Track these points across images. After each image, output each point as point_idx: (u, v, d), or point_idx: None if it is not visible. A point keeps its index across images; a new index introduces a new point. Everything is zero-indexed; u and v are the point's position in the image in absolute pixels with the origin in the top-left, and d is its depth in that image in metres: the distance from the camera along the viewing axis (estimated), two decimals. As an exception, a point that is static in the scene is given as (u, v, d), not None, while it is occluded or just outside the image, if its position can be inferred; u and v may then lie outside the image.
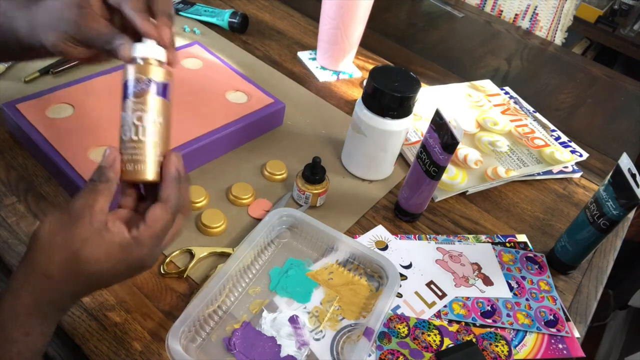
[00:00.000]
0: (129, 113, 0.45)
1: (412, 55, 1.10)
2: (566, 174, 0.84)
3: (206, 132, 0.70)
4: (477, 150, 0.83)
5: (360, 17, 0.88)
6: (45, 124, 0.65)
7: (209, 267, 0.60)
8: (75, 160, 0.62)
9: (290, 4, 1.15)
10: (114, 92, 0.71)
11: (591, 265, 0.72)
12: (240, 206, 0.67)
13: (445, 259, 0.66)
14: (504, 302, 0.63)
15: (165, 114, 0.47)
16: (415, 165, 0.66)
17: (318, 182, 0.67)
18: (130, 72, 0.46)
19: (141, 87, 0.45)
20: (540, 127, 0.92)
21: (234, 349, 0.52)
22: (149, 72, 0.46)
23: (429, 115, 0.77)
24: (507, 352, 0.58)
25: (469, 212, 0.75)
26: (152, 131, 0.46)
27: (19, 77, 0.77)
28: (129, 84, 0.45)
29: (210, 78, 0.79)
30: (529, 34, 1.32)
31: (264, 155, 0.75)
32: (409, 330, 0.58)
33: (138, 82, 0.45)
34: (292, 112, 0.83)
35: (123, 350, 0.52)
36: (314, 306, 0.57)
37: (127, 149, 0.45)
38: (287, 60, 0.97)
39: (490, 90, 1.00)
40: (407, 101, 0.67)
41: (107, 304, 0.55)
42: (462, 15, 1.31)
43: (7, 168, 0.66)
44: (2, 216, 0.60)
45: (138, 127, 0.45)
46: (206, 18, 1.01)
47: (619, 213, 0.60)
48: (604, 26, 1.98)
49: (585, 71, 1.19)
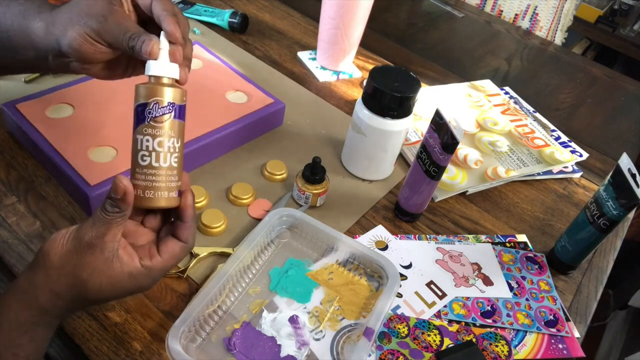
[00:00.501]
0: (147, 138, 0.44)
1: (412, 55, 1.10)
2: (566, 174, 0.84)
3: (206, 132, 0.70)
4: (477, 150, 0.83)
5: (360, 17, 0.88)
6: (45, 124, 0.65)
7: (209, 267, 0.60)
8: (75, 160, 0.62)
9: (290, 4, 1.15)
10: (114, 92, 0.72)
11: (591, 265, 0.72)
12: (240, 206, 0.67)
13: (445, 259, 0.66)
14: (504, 302, 0.63)
15: (182, 136, 0.46)
16: (415, 165, 0.66)
17: (318, 182, 0.67)
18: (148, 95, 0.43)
19: (162, 111, 0.44)
20: (540, 127, 0.92)
21: (234, 349, 0.52)
22: (169, 95, 0.44)
23: (429, 115, 0.77)
24: (507, 352, 0.58)
25: (469, 212, 0.75)
26: (171, 156, 0.45)
27: (19, 77, 0.77)
28: (148, 107, 0.43)
29: (210, 78, 0.79)
30: (529, 34, 1.32)
31: (264, 155, 0.75)
32: (409, 330, 0.58)
33: (158, 106, 0.44)
34: (292, 112, 0.83)
35: (123, 350, 0.52)
36: (314, 306, 0.57)
37: (145, 175, 0.44)
38: (287, 60, 0.97)
39: (490, 90, 1.00)
40: (407, 101, 0.67)
41: (107, 304, 0.55)
42: (462, 15, 1.31)
43: (7, 168, 0.66)
44: (2, 216, 0.60)
45: (159, 154, 0.44)
46: (206, 18, 1.01)
47: (619, 213, 0.60)
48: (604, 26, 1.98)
49: (585, 71, 1.19)
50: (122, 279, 0.44)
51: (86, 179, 0.60)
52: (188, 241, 0.47)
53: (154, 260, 0.45)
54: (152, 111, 0.43)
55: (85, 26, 0.47)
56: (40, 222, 0.61)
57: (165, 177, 0.45)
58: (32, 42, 0.50)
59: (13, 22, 0.51)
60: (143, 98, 0.44)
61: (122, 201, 0.42)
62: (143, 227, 0.48)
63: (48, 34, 0.49)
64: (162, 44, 0.45)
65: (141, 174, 0.44)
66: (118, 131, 0.66)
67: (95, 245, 0.42)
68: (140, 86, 0.44)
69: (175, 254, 0.46)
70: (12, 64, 0.54)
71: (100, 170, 0.61)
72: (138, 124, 0.44)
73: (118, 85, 0.72)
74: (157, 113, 0.43)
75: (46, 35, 0.49)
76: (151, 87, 0.44)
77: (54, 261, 0.42)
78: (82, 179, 0.60)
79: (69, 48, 0.48)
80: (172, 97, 0.44)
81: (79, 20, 0.47)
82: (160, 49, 0.45)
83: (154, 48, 0.44)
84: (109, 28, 0.46)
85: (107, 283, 0.43)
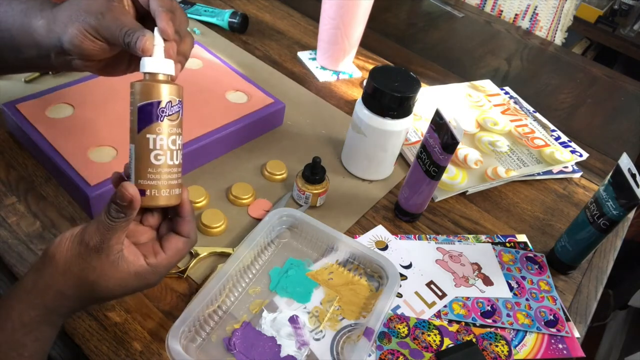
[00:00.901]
0: (161, 137, 0.44)
1: (412, 55, 1.10)
2: (566, 174, 0.84)
3: (206, 132, 0.70)
4: (477, 150, 0.83)
5: (360, 17, 0.88)
6: (45, 124, 0.65)
7: (209, 267, 0.60)
8: (75, 160, 0.62)
9: (290, 4, 1.15)
10: (114, 92, 0.72)
11: (591, 265, 0.72)
12: (240, 206, 0.67)
13: (445, 259, 0.66)
14: (504, 302, 0.63)
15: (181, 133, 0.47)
16: (415, 165, 0.66)
17: (318, 182, 0.67)
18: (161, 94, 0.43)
19: (174, 109, 0.44)
20: (540, 127, 0.92)
21: (234, 349, 0.52)
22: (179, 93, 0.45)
23: (429, 115, 0.77)
24: (507, 352, 0.58)
25: (469, 212, 0.75)
26: (180, 153, 0.46)
27: (19, 77, 0.77)
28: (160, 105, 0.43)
29: (210, 78, 0.79)
30: (529, 34, 1.32)
31: (264, 155, 0.75)
32: (409, 330, 0.58)
33: (171, 104, 0.44)
34: (292, 112, 0.83)
35: (123, 350, 0.52)
36: (314, 306, 0.57)
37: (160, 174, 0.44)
38: (287, 60, 0.97)
39: (490, 90, 1.00)
40: (407, 101, 0.67)
41: (107, 304, 0.55)
42: (462, 15, 1.31)
43: (7, 168, 0.66)
44: (2, 216, 0.60)
45: (173, 152, 0.45)
46: (206, 18, 1.01)
47: (619, 213, 0.60)
48: (604, 26, 1.98)
49: (585, 71, 1.19)
50: (129, 278, 0.44)
51: (86, 179, 0.60)
52: (190, 236, 0.47)
53: (158, 258, 0.45)
54: (166, 109, 0.44)
55: (84, 23, 0.47)
56: (40, 222, 0.61)
57: (175, 175, 0.45)
58: (34, 40, 0.50)
59: (15, 20, 0.51)
60: (151, 97, 0.43)
61: (129, 207, 0.42)
62: (142, 226, 0.48)
63: (50, 32, 0.49)
64: (156, 40, 0.45)
65: (155, 173, 0.44)
66: (118, 131, 0.66)
67: (101, 249, 0.42)
68: (138, 84, 0.44)
69: (179, 249, 0.47)
70: (15, 62, 0.54)
71: (100, 170, 0.61)
72: (148, 123, 0.43)
73: (118, 85, 0.72)
74: (170, 111, 0.44)
75: (48, 33, 0.50)
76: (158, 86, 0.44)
77: (60, 264, 0.43)
78: (82, 179, 0.60)
79: (70, 45, 0.48)
80: (179, 94, 0.45)
81: (79, 17, 0.47)
82: (155, 45, 0.45)
83: (147, 44, 0.44)
84: (107, 24, 0.47)
85: (114, 284, 0.44)
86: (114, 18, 0.47)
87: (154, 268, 0.45)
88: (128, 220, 0.42)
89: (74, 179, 0.60)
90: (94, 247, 0.42)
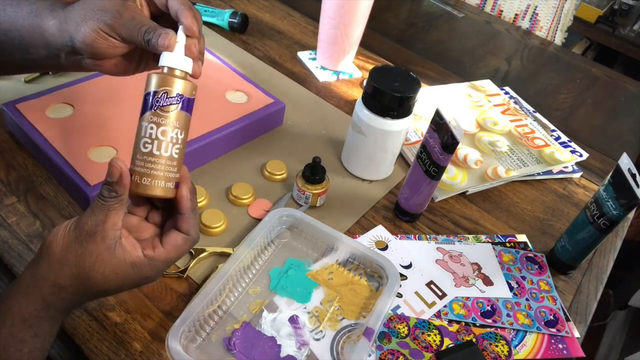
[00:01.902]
0: (152, 126, 0.44)
1: (412, 55, 1.10)
2: (566, 174, 0.84)
3: (206, 132, 0.70)
4: (477, 150, 0.83)
5: (360, 17, 0.88)
6: (45, 124, 0.65)
7: (209, 267, 0.60)
8: (75, 160, 0.62)
9: (290, 4, 1.15)
10: (114, 92, 0.72)
11: (591, 265, 0.72)
12: (240, 206, 0.67)
13: (445, 259, 0.66)
14: (504, 302, 0.63)
15: (186, 129, 0.47)
16: (415, 165, 0.66)
17: (318, 182, 0.67)
18: (158, 84, 0.44)
19: (170, 101, 0.44)
20: (540, 127, 0.92)
21: (234, 349, 0.52)
22: (179, 87, 0.45)
23: (429, 115, 0.77)
24: (507, 352, 0.58)
25: (469, 212, 0.75)
26: (173, 146, 0.45)
27: (19, 77, 0.76)
28: (157, 96, 0.44)
29: (210, 78, 0.79)
30: (529, 34, 1.32)
31: (264, 155, 0.75)
32: (409, 330, 0.58)
33: (167, 95, 0.44)
34: (292, 112, 0.83)
35: (123, 350, 0.52)
36: (314, 306, 0.57)
37: (145, 162, 0.44)
38: (287, 60, 0.97)
39: (490, 90, 1.00)
40: (407, 101, 0.67)
41: (107, 304, 0.55)
42: (462, 15, 1.31)
43: (7, 168, 0.66)
44: (2, 216, 0.60)
45: (161, 142, 0.45)
46: (206, 18, 1.01)
47: (619, 213, 0.60)
48: (604, 26, 1.98)
49: (585, 71, 1.19)
50: (125, 267, 0.44)
51: (86, 179, 0.60)
52: (189, 233, 0.47)
53: (156, 251, 0.46)
54: (160, 100, 0.44)
55: (99, 21, 0.47)
56: (40, 222, 0.61)
57: (164, 167, 0.45)
58: (44, 40, 0.51)
59: (24, 21, 0.51)
60: (153, 87, 0.45)
61: (118, 184, 0.43)
62: (147, 222, 0.49)
63: (61, 31, 0.50)
64: (179, 37, 0.46)
65: (141, 160, 0.45)
66: (118, 131, 0.66)
67: (96, 232, 0.42)
68: (152, 75, 0.45)
69: (177, 245, 0.47)
70: (22, 62, 0.55)
71: (100, 170, 0.61)
72: (145, 111, 0.45)
73: (118, 85, 0.72)
74: (164, 102, 0.44)
75: (59, 33, 0.50)
76: (163, 77, 0.45)
77: (56, 252, 0.43)
78: (82, 179, 0.60)
79: (82, 44, 0.49)
80: (182, 89, 0.45)
81: (93, 15, 0.48)
82: (177, 42, 0.46)
83: (171, 41, 0.45)
84: (124, 22, 0.47)
85: (110, 272, 0.43)
86: (131, 17, 0.47)
87: (150, 261, 0.45)
88: (120, 200, 0.43)
89: (74, 179, 0.60)
90: (89, 230, 0.42)
